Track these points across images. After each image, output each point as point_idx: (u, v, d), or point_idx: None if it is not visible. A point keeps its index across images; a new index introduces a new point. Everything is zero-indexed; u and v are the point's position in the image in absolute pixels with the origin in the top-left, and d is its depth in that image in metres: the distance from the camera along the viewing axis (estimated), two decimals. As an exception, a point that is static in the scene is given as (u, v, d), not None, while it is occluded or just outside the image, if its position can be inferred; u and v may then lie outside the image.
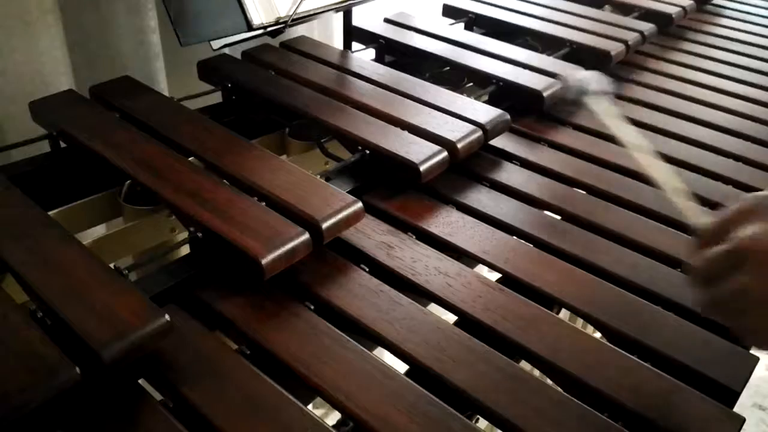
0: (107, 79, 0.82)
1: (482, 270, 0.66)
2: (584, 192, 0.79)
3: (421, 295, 0.61)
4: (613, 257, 0.67)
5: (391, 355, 0.55)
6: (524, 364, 0.55)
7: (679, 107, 1.00)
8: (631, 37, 1.12)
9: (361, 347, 0.53)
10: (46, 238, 0.54)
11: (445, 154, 0.73)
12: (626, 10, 1.32)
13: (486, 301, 0.59)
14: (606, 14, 1.26)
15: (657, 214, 0.75)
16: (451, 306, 0.59)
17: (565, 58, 1.05)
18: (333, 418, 0.49)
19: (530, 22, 1.16)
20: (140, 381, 0.49)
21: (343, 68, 0.92)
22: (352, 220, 0.62)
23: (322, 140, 0.78)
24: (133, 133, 0.71)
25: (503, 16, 1.19)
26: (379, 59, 1.07)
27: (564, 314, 0.62)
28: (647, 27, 1.18)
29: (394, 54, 1.07)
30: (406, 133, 0.76)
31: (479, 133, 0.78)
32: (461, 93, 0.87)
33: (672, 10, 1.29)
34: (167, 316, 0.48)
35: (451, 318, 0.59)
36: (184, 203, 0.60)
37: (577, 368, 0.53)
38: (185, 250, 0.61)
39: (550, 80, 0.93)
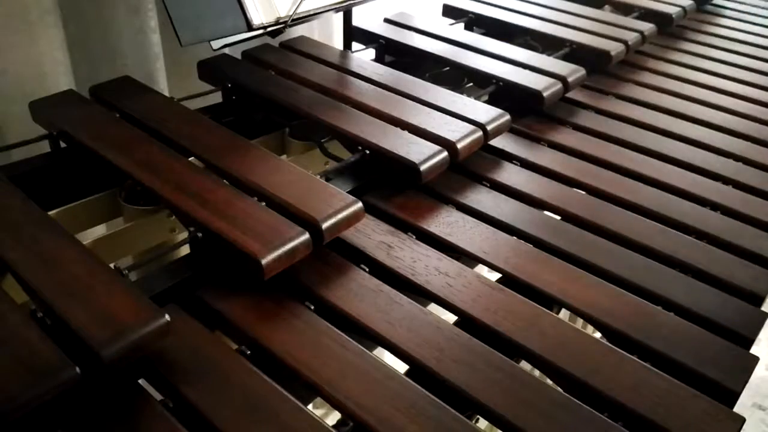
0: (107, 79, 0.82)
1: (482, 270, 0.66)
2: (584, 192, 0.79)
3: (421, 295, 0.61)
4: (613, 257, 0.67)
5: (391, 355, 0.55)
6: (524, 364, 0.55)
7: (679, 107, 1.00)
8: (631, 37, 1.12)
9: (361, 347, 0.53)
10: (46, 238, 0.54)
11: (445, 154, 0.73)
12: (626, 10, 1.32)
13: (486, 301, 0.59)
14: (606, 14, 1.26)
15: (657, 214, 0.75)
16: (451, 306, 0.59)
17: (565, 58, 1.05)
18: (333, 418, 0.49)
19: (530, 22, 1.16)
20: (140, 381, 0.49)
21: (343, 68, 0.92)
22: (352, 220, 0.62)
23: (322, 140, 0.78)
24: (133, 133, 0.71)
25: (503, 16, 1.19)
26: (379, 59, 1.07)
27: (564, 314, 0.62)
28: (647, 27, 1.18)
29: (394, 54, 1.07)
30: (406, 133, 0.76)
31: (479, 133, 0.78)
32: (461, 93, 0.87)
33: (672, 10, 1.29)
34: (167, 316, 0.48)
35: (451, 318, 0.59)
36: (184, 203, 0.60)
37: (577, 368, 0.53)
38: (185, 250, 0.61)
39: (550, 80, 0.93)
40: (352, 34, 1.06)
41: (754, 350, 0.58)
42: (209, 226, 0.58)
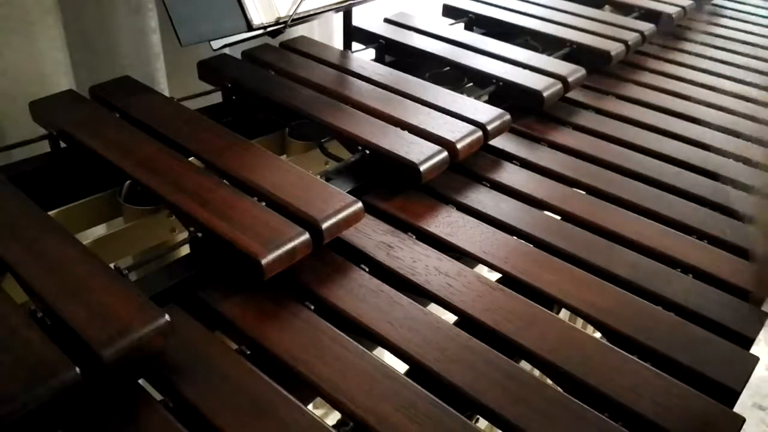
0: (107, 79, 0.82)
1: (482, 270, 0.66)
2: (584, 192, 0.79)
3: (421, 295, 0.61)
4: (613, 257, 0.67)
5: (391, 355, 0.55)
6: (524, 364, 0.55)
7: (679, 107, 1.00)
8: (631, 37, 1.12)
9: (361, 347, 0.53)
10: (46, 238, 0.54)
11: (445, 154, 0.73)
12: (626, 10, 1.32)
13: (486, 301, 0.59)
14: (606, 14, 1.26)
15: (657, 214, 0.75)
16: (451, 306, 0.59)
17: (565, 58, 1.05)
18: (333, 418, 0.49)
19: (530, 22, 1.16)
20: (140, 381, 0.49)
21: (343, 68, 0.92)
22: (352, 220, 0.62)
23: (322, 140, 0.78)
24: (133, 133, 0.71)
25: (503, 16, 1.19)
26: (379, 59, 1.07)
27: (564, 314, 0.63)
28: (647, 27, 1.18)
29: (394, 54, 1.07)
30: (406, 133, 0.76)
31: (479, 133, 0.78)
32: (461, 93, 0.87)
33: (672, 10, 1.28)
34: (167, 316, 0.48)
35: (451, 318, 0.59)
36: (184, 203, 0.60)
37: (577, 368, 0.53)
38: (185, 250, 0.61)
39: (550, 80, 0.93)
40: (352, 34, 1.06)
41: (754, 350, 0.58)
42: (209, 226, 0.58)
